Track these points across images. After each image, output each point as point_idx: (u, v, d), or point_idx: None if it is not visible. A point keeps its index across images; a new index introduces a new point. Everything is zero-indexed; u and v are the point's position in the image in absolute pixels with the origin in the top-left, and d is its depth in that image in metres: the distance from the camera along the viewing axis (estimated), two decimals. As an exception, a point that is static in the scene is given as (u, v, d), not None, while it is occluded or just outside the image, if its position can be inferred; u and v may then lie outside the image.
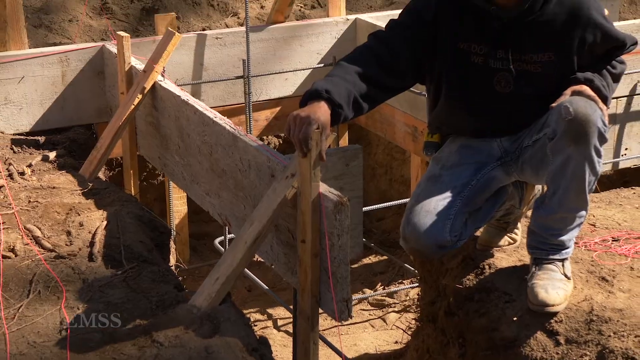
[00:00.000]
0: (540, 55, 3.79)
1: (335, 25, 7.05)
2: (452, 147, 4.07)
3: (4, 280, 4.06)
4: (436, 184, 3.94)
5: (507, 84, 3.83)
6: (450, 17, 3.83)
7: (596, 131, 3.60)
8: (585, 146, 3.61)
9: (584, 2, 3.76)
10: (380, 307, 6.77)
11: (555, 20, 3.75)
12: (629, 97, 6.40)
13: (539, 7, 3.72)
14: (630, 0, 9.73)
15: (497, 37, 3.79)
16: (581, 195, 3.73)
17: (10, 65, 6.04)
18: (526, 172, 3.98)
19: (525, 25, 3.76)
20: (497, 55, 3.81)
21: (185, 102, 4.88)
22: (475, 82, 3.87)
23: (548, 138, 3.69)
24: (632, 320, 3.71)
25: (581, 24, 3.75)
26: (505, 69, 3.81)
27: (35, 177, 5.21)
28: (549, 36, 3.77)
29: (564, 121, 3.59)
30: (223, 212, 4.61)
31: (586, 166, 3.65)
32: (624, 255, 4.29)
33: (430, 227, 3.80)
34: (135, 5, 8.39)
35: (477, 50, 3.83)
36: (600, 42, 3.81)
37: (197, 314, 3.65)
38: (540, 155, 3.82)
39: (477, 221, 4.02)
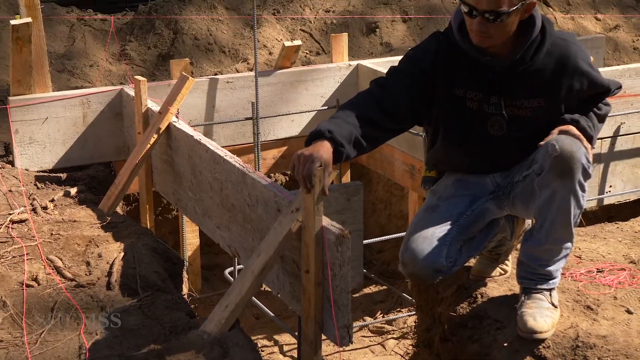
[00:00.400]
0: (531, 102, 3.82)
1: (338, 70, 7.08)
2: (448, 181, 4.10)
3: (27, 307, 4.07)
4: (433, 213, 3.97)
5: (500, 127, 3.86)
6: (447, 66, 3.85)
7: (580, 167, 3.63)
8: (571, 181, 3.64)
9: (572, 52, 3.80)
10: (380, 334, 6.76)
11: (544, 70, 3.78)
12: (612, 138, 6.41)
13: (529, 58, 3.75)
14: (614, 48, 9.78)
15: (491, 85, 3.81)
16: (567, 228, 3.75)
17: (35, 107, 6.06)
18: (517, 206, 4.00)
19: (516, 74, 3.78)
20: (490, 100, 3.83)
21: (197, 142, 4.90)
22: (471, 125, 3.90)
23: (536, 173, 3.73)
24: (615, 346, 3.71)
25: (569, 72, 3.78)
26: (499, 113, 3.83)
27: (57, 211, 5.22)
28: (539, 84, 3.80)
29: (550, 158, 3.63)
30: (232, 244, 4.62)
31: (571, 200, 3.67)
32: (607, 285, 4.29)
33: (427, 253, 3.82)
34: (152, 52, 8.43)
35: (472, 96, 3.85)
36: (586, 88, 3.85)
37: (208, 339, 3.65)
38: (529, 190, 3.84)
39: (471, 249, 4.04)
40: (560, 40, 3.80)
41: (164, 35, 8.53)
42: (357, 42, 9.03)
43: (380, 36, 9.12)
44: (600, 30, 10.00)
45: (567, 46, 3.79)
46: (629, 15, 10.43)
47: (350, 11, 9.27)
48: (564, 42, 3.81)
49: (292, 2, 9.23)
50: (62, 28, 8.46)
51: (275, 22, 8.99)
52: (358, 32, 9.15)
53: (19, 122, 6.03)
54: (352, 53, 8.48)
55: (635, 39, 10.03)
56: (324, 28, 9.05)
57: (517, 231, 4.27)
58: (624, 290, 4.24)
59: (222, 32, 8.70)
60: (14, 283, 4.30)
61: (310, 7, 9.26)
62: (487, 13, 3.56)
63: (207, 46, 8.52)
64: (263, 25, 8.80)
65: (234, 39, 8.67)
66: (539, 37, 3.73)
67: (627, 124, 6.41)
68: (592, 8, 10.41)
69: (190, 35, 8.51)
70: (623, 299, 4.14)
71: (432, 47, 3.90)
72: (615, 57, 9.65)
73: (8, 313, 4.02)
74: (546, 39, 3.74)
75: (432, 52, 3.88)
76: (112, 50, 8.37)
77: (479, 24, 3.60)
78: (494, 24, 3.58)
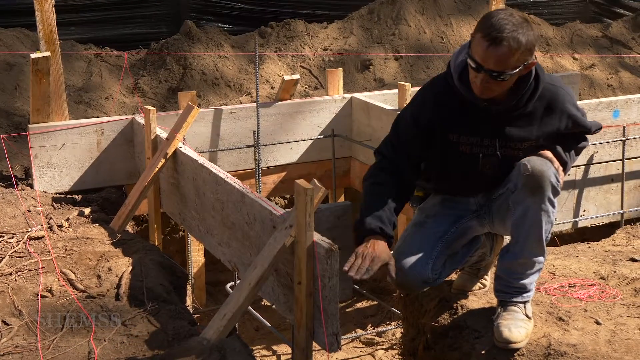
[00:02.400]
0: (524, 143, 3.84)
1: (333, 102, 7.11)
2: (434, 201, 4.14)
3: (42, 315, 4.09)
4: (421, 229, 4.02)
5: (492, 166, 3.87)
6: (443, 112, 3.85)
7: (550, 185, 3.68)
8: (541, 197, 3.69)
9: (560, 96, 3.83)
10: (370, 345, 6.75)
11: (536, 112, 3.81)
12: (586, 166, 6.43)
13: (524, 103, 3.77)
14: (590, 85, 9.82)
15: (486, 128, 3.82)
16: (539, 242, 3.78)
17: (53, 134, 6.08)
18: (495, 223, 4.04)
19: (512, 118, 3.80)
20: (484, 143, 3.85)
21: (201, 165, 4.92)
22: (463, 167, 3.91)
23: (510, 191, 3.79)
24: (585, 353, 3.72)
25: (557, 114, 3.83)
26: (492, 154, 3.85)
27: (71, 229, 5.23)
28: (531, 125, 3.82)
29: (522, 176, 3.69)
30: (232, 259, 4.63)
31: (542, 215, 3.72)
32: (579, 299, 4.30)
33: (414, 266, 3.87)
34: (163, 86, 8.47)
35: (465, 140, 3.85)
36: (571, 127, 3.90)
37: (207, 345, 3.66)
38: (505, 207, 3.88)
39: (454, 263, 4.07)
40: (550, 86, 3.82)
41: (174, 71, 8.57)
42: (352, 77, 9.07)
43: (373, 72, 9.17)
44: (577, 69, 10.05)
45: (556, 91, 3.83)
46: (604, 55, 10.48)
47: (346, 49, 9.32)
48: (553, 87, 3.83)
49: (293, 40, 9.28)
50: (80, 63, 8.51)
51: (277, 59, 9.04)
52: (353, 69, 9.20)
53: (38, 148, 6.05)
54: (347, 88, 8.52)
55: (609, 76, 10.08)
56: (322, 65, 9.10)
57: (496, 248, 4.29)
58: (593, 303, 4.24)
59: (227, 67, 8.74)
60: (29, 294, 4.31)
61: (309, 45, 9.32)
62: (492, 73, 3.57)
63: (214, 80, 8.56)
64: (266, 61, 8.85)
65: (239, 74, 8.71)
66: (532, 84, 3.75)
67: (599, 153, 6.43)
68: (569, 48, 10.46)
69: (198, 71, 8.55)
70: (592, 311, 4.15)
71: (429, 101, 3.89)
72: (591, 93, 9.68)
73: (23, 321, 4.04)
74: (540, 85, 3.76)
75: (429, 106, 3.87)
76: (126, 84, 8.41)
77: (482, 79, 3.60)
78: (497, 81, 3.60)
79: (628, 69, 10.33)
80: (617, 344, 3.81)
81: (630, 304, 4.25)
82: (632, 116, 6.47)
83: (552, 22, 10.90)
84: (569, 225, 6.52)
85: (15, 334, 3.92)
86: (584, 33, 10.73)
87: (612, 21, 11.23)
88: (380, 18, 9.71)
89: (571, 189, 6.40)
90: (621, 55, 10.54)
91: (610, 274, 4.64)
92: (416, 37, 9.57)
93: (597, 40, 10.71)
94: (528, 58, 3.58)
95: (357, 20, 9.69)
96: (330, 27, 9.59)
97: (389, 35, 9.57)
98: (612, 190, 6.54)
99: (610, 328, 3.97)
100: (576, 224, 6.54)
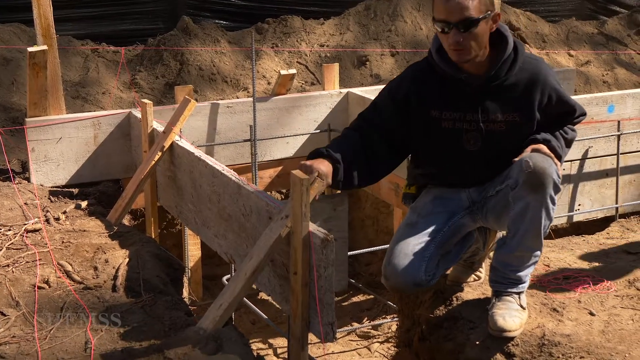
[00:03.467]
0: (505, 115, 3.83)
1: (330, 97, 7.12)
2: (426, 198, 4.11)
3: (39, 307, 4.10)
4: (413, 230, 3.98)
5: (476, 142, 3.87)
6: (422, 90, 3.88)
7: (552, 182, 3.66)
8: (542, 194, 3.67)
9: (542, 70, 3.83)
10: (366, 338, 6.76)
11: (517, 85, 3.81)
12: (581, 160, 6.43)
13: (503, 74, 3.78)
14: (585, 81, 9.84)
15: (467, 102, 3.84)
16: (537, 237, 3.78)
17: (50, 127, 6.09)
18: (489, 219, 4.02)
19: (492, 90, 3.81)
20: (466, 118, 3.85)
21: (198, 158, 4.93)
22: (447, 144, 3.91)
23: (510, 188, 3.75)
24: (578, 344, 3.74)
25: (539, 87, 3.81)
26: (475, 129, 3.85)
27: (68, 222, 5.25)
28: (513, 99, 3.82)
29: (524, 173, 3.65)
30: (229, 251, 4.64)
31: (542, 212, 3.70)
32: (572, 290, 4.32)
33: (407, 268, 3.84)
34: (160, 81, 8.48)
35: (447, 116, 3.87)
36: (555, 104, 3.86)
37: (204, 334, 3.67)
38: (502, 204, 3.87)
39: (447, 262, 4.06)
40: (532, 59, 3.85)
41: (171, 66, 8.57)
42: (348, 73, 9.08)
43: (370, 68, 9.18)
44: (572, 65, 10.06)
45: (538, 64, 3.84)
46: (599, 51, 10.50)
47: (342, 45, 9.33)
48: (535, 61, 3.86)
49: (289, 36, 9.29)
50: (77, 59, 8.51)
51: (274, 55, 9.05)
52: (350, 65, 9.21)
53: (35, 142, 6.06)
54: (343, 83, 8.52)
55: (604, 73, 10.09)
56: (318, 61, 9.10)
57: (489, 242, 4.30)
58: (587, 295, 4.27)
59: (224, 63, 8.75)
60: (26, 285, 4.32)
61: (306, 41, 9.32)
62: (459, 24, 3.60)
63: (211, 76, 8.57)
64: (262, 57, 8.86)
65: (236, 69, 8.71)
66: (512, 55, 3.77)
67: (594, 148, 6.44)
68: (565, 45, 10.48)
69: (195, 66, 8.56)
70: (586, 303, 4.17)
71: (407, 77, 3.96)
72: (586, 89, 9.70)
73: (21, 312, 4.05)
74: (518, 57, 3.78)
75: (407, 82, 3.93)
76: (123, 79, 8.41)
77: (453, 36, 3.63)
78: (467, 34, 3.62)
79: (623, 66, 10.35)
80: (611, 334, 3.84)
81: (623, 295, 4.27)
82: (627, 111, 6.48)
83: (549, 19, 10.92)
84: (564, 220, 6.53)
85: (13, 324, 3.93)
86: (579, 30, 10.75)
87: (607, 18, 11.25)
88: (376, 14, 9.72)
89: (566, 183, 6.40)
90: (616, 52, 10.56)
91: (605, 266, 4.66)
92: (412, 33, 9.59)
93: (592, 37, 10.73)
94: (489, 5, 3.63)
95: (354, 16, 9.71)
96: (326, 23, 9.60)
97: (386, 31, 9.58)
98: (606, 184, 6.56)
99: (603, 319, 4.00)
100: (571, 218, 6.55)
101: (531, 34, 10.34)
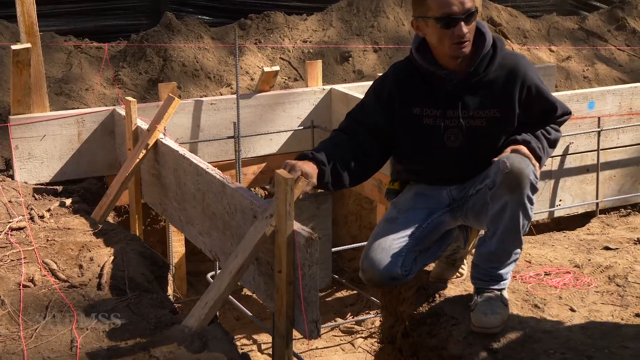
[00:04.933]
0: (486, 112, 3.86)
1: (313, 94, 7.14)
2: (408, 194, 4.13)
3: (24, 305, 4.10)
4: (392, 224, 4.00)
5: (457, 138, 3.90)
6: (404, 88, 3.92)
7: (528, 183, 3.69)
8: (520, 195, 3.69)
9: (522, 65, 3.87)
10: (350, 334, 6.81)
11: (497, 81, 3.84)
12: (562, 156, 6.49)
13: (482, 69, 3.81)
14: (566, 76, 9.89)
15: (448, 99, 3.87)
16: (516, 236, 3.81)
17: (34, 125, 6.09)
18: (469, 217, 4.05)
19: (471, 86, 3.84)
20: (447, 114, 3.88)
21: (182, 156, 4.95)
22: (428, 141, 3.94)
23: (488, 188, 3.78)
24: (559, 340, 3.78)
25: (519, 82, 3.84)
26: (456, 125, 3.88)
27: (53, 220, 5.25)
28: (493, 94, 3.85)
29: (501, 174, 3.68)
30: (213, 249, 4.66)
31: (520, 212, 3.73)
32: (554, 286, 4.36)
33: (384, 262, 3.85)
34: (143, 77, 8.46)
35: (428, 113, 3.90)
36: (535, 99, 3.89)
37: (189, 333, 3.69)
38: (481, 202, 3.89)
39: (425, 258, 4.07)
40: (511, 55, 3.88)
41: (154, 62, 8.56)
42: (331, 69, 9.10)
43: (352, 64, 9.19)
44: (553, 61, 10.12)
45: (518, 60, 3.87)
46: (580, 47, 10.55)
47: (325, 41, 9.34)
48: (514, 57, 3.89)
49: (272, 32, 9.30)
50: (60, 55, 8.48)
51: (257, 51, 9.05)
52: (333, 61, 9.22)
53: (19, 139, 6.05)
54: (327, 79, 8.54)
55: (585, 68, 10.15)
56: (301, 57, 9.11)
57: (470, 239, 4.31)
58: (568, 291, 4.31)
59: (207, 59, 8.74)
60: (11, 284, 4.32)
61: (289, 37, 9.33)
62: (465, 16, 3.67)
63: (194, 72, 8.56)
64: (245, 53, 8.86)
65: (219, 65, 8.71)
66: (490, 51, 3.81)
67: (575, 144, 6.50)
68: (546, 40, 10.53)
69: (178, 62, 8.55)
70: (567, 299, 4.21)
71: (389, 76, 3.99)
72: (567, 85, 9.75)
73: (6, 310, 4.05)
74: (497, 53, 3.82)
75: (389, 81, 3.96)
76: (106, 75, 8.40)
77: (462, 29, 3.69)
78: (470, 25, 3.71)
79: (604, 61, 10.41)
80: (591, 330, 3.87)
81: (604, 291, 4.31)
82: (607, 107, 6.54)
83: (530, 14, 10.97)
84: (545, 215, 6.58)
85: (-2, 323, 3.94)
86: (560, 25, 10.80)
87: (588, 14, 11.30)
88: (359, 10, 9.74)
89: (547, 179, 6.46)
90: (597, 48, 10.62)
91: (585, 262, 4.71)
92: (395, 29, 9.61)
93: (573, 33, 10.79)
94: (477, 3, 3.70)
95: (337, 12, 9.72)
96: (309, 19, 9.61)
97: (368, 27, 9.60)
98: (587, 180, 6.61)
99: (584, 315, 4.04)
100: (552, 213, 6.60)
101: (512, 29, 10.39)
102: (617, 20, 11.08)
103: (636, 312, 4.04)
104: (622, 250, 4.96)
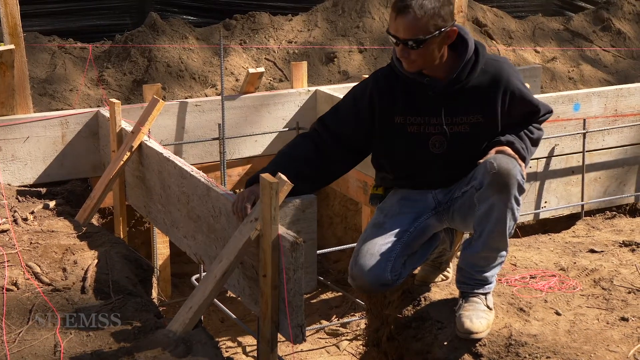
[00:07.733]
0: (469, 117, 3.86)
1: (298, 95, 7.13)
2: (393, 199, 4.13)
3: (7, 309, 4.07)
4: (380, 230, 4.00)
5: (441, 145, 3.90)
6: (386, 97, 3.90)
7: (516, 183, 3.70)
8: (507, 195, 3.70)
9: (504, 70, 3.86)
10: (335, 336, 6.80)
11: (479, 87, 3.83)
12: (547, 158, 6.50)
13: (465, 76, 3.81)
14: (551, 77, 9.92)
15: (431, 106, 3.86)
16: (503, 238, 3.81)
17: (17, 126, 6.06)
18: (455, 220, 4.05)
19: (454, 93, 3.84)
20: (430, 122, 3.88)
21: (167, 159, 4.93)
22: (413, 148, 3.94)
23: (475, 189, 3.78)
24: (545, 344, 3.79)
25: (502, 87, 3.83)
26: (440, 132, 3.89)
27: (36, 222, 5.23)
28: (476, 100, 3.85)
29: (489, 174, 3.69)
30: (198, 252, 4.65)
31: (507, 212, 3.74)
32: (539, 290, 4.37)
33: (373, 268, 3.86)
34: (128, 78, 8.44)
35: (412, 121, 3.89)
36: (518, 104, 3.89)
37: (173, 337, 3.68)
38: (467, 204, 3.90)
39: (413, 262, 4.08)
40: (494, 61, 3.88)
41: (138, 63, 8.55)
42: (317, 70, 9.10)
43: (338, 65, 9.20)
44: (539, 62, 10.15)
45: (500, 65, 3.87)
46: (565, 48, 10.59)
47: (310, 42, 9.34)
48: (496, 62, 3.88)
49: (257, 33, 9.29)
50: (44, 55, 8.45)
51: (242, 52, 9.04)
52: (318, 62, 9.22)
53: (2, 141, 6.02)
54: (312, 80, 8.54)
55: (570, 69, 10.19)
56: (286, 57, 9.11)
57: (456, 242, 4.33)
58: (553, 294, 4.32)
59: (192, 60, 8.73)
60: (-5, 287, 4.31)
61: (274, 38, 9.33)
62: (408, 41, 3.64)
63: (179, 73, 8.55)
64: (230, 54, 8.85)
65: (204, 66, 8.70)
66: (473, 57, 3.80)
67: (560, 146, 6.51)
68: (531, 41, 10.56)
69: (163, 63, 8.53)
70: (553, 302, 4.23)
71: (370, 84, 3.96)
72: (552, 86, 9.78)
73: (-11, 314, 4.03)
74: (480, 59, 3.81)
75: (370, 89, 3.94)
76: (91, 76, 8.37)
77: (401, 50, 3.69)
78: (416, 50, 3.66)
79: (589, 62, 10.45)
80: (577, 334, 3.89)
81: (589, 294, 4.33)
82: (592, 109, 6.56)
83: (515, 15, 10.99)
84: (530, 217, 6.59)
85: (-19, 327, 3.91)
86: (545, 26, 10.84)
87: (573, 14, 11.34)
88: (344, 11, 9.74)
89: (532, 180, 6.47)
90: (582, 49, 10.66)
91: (570, 265, 4.72)
92: (380, 30, 9.62)
93: (559, 34, 10.82)
94: (441, 23, 3.64)
95: (322, 12, 9.72)
96: (294, 20, 9.61)
97: (353, 27, 9.61)
98: (572, 182, 6.63)
99: (569, 318, 4.05)
100: (537, 215, 6.62)
101: (498, 30, 10.41)
102: (603, 21, 11.12)
103: (622, 315, 4.06)
104: (608, 253, 4.98)
